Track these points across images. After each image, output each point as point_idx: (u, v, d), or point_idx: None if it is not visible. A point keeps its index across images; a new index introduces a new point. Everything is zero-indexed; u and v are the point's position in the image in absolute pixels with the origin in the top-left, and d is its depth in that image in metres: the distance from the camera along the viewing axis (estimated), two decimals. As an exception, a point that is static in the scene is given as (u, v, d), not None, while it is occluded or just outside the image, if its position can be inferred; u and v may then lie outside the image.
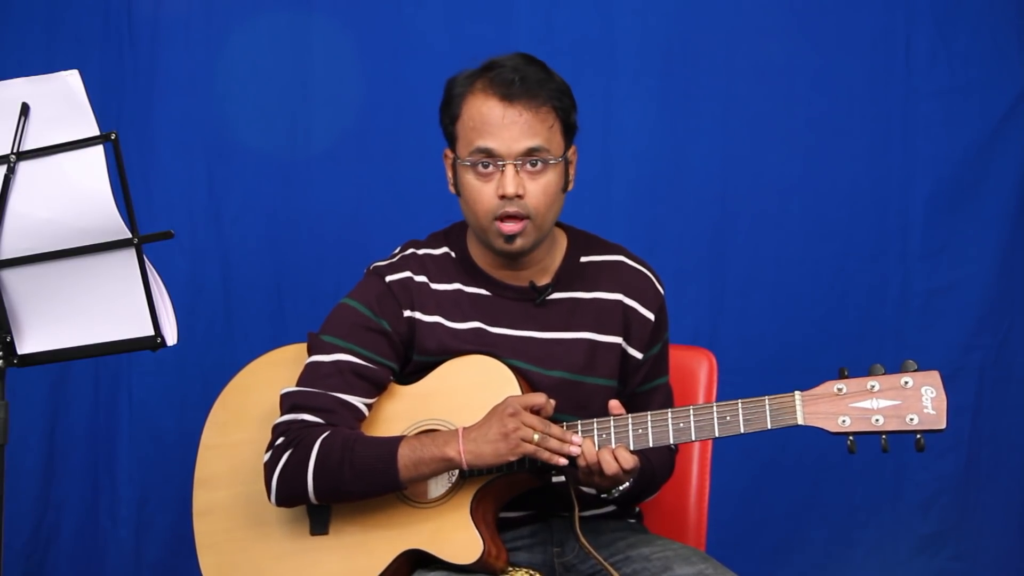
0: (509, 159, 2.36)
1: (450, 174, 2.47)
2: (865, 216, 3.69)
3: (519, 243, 2.40)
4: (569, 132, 2.44)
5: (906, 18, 3.67)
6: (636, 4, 3.68)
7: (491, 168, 2.37)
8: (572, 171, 2.46)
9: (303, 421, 2.39)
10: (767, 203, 3.69)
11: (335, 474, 2.33)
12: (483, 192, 2.38)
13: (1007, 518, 3.68)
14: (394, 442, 2.34)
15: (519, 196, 2.36)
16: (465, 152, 2.39)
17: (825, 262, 3.68)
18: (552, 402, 2.32)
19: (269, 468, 2.39)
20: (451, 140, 2.44)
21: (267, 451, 2.41)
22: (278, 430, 2.41)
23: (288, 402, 2.42)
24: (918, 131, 3.67)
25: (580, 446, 2.28)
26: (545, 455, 2.27)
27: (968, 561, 3.67)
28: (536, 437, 2.27)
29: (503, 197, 2.36)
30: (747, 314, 3.68)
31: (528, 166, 2.37)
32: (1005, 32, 3.66)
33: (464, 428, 2.31)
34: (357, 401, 2.41)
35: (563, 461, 2.28)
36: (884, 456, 2.24)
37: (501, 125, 2.36)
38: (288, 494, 2.38)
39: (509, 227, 2.38)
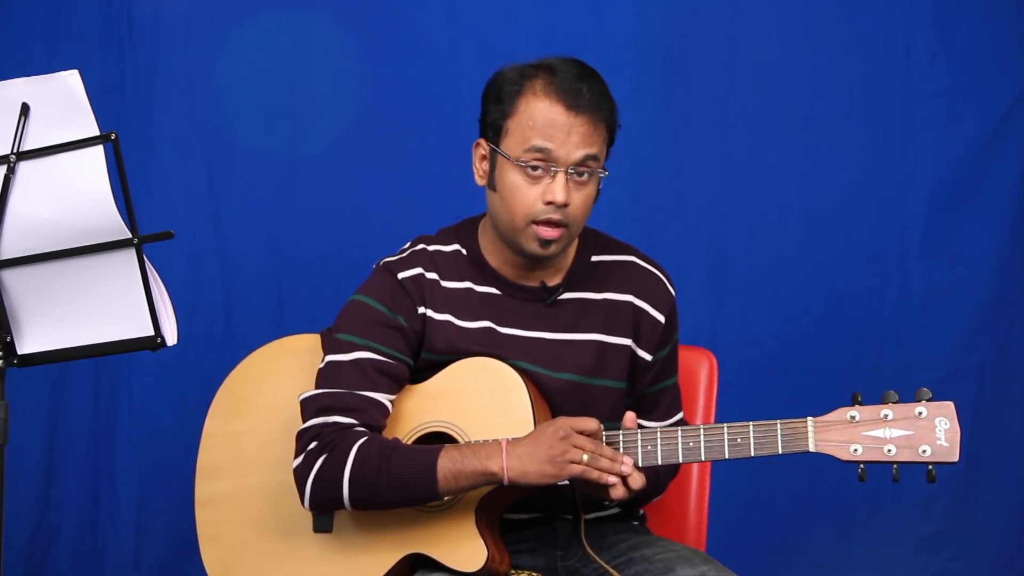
0: (563, 167, 2.34)
1: (482, 166, 2.43)
2: (865, 216, 3.69)
3: (553, 248, 2.38)
4: (611, 146, 2.43)
5: (906, 18, 3.67)
6: (636, 4, 3.68)
7: (540, 171, 2.35)
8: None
9: (336, 424, 2.36)
10: (767, 203, 3.69)
11: (372, 483, 2.30)
12: (528, 194, 2.35)
13: (1007, 518, 3.68)
14: (433, 453, 2.30)
15: (565, 205, 2.35)
16: (518, 149, 2.35)
17: (825, 262, 3.68)
18: (601, 426, 2.29)
19: (301, 473, 2.35)
20: (496, 133, 2.39)
21: (297, 456, 2.37)
22: (309, 434, 2.37)
23: (313, 406, 2.39)
24: (918, 131, 3.67)
25: (631, 465, 2.25)
26: (594, 475, 2.24)
27: (968, 561, 3.67)
28: (585, 458, 2.24)
29: (549, 203, 2.34)
30: (747, 314, 3.68)
31: (576, 176, 2.35)
32: (1005, 32, 3.66)
33: (508, 442, 2.28)
34: (382, 397, 2.38)
35: (613, 480, 2.25)
36: (891, 477, 2.23)
37: (564, 132, 2.33)
38: (323, 500, 2.35)
39: (549, 232, 2.36)
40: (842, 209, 3.69)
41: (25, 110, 2.19)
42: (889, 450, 2.18)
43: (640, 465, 2.28)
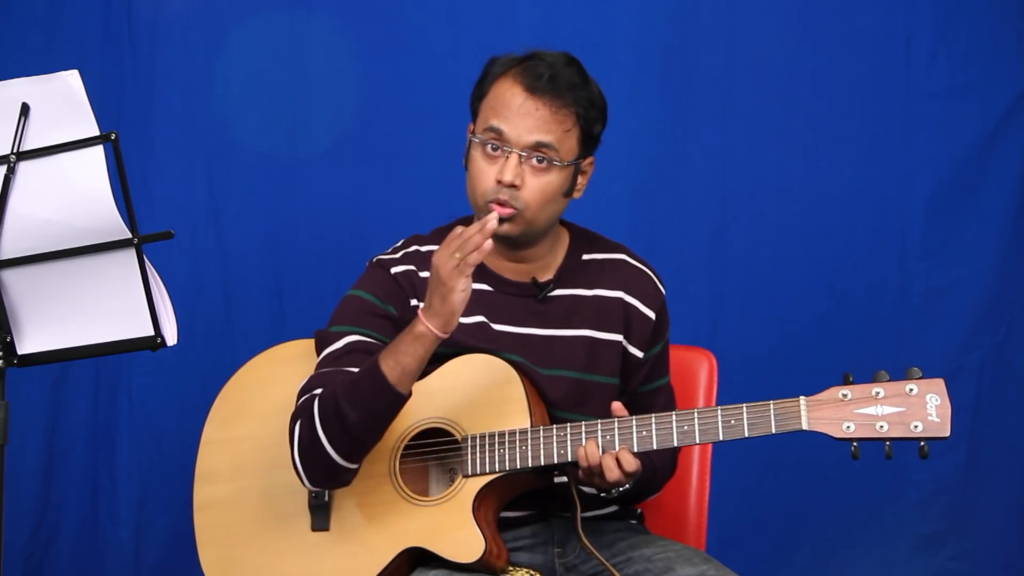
0: (516, 148, 2.38)
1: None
2: (865, 216, 3.69)
3: (505, 227, 2.38)
4: (588, 142, 2.44)
5: (906, 18, 3.67)
6: (636, 4, 3.69)
7: (498, 152, 2.39)
8: (584, 180, 2.47)
9: (311, 396, 2.37)
10: (767, 203, 3.70)
11: (340, 418, 2.30)
12: (484, 173, 2.40)
13: (1007, 518, 3.68)
14: (375, 357, 2.33)
15: (515, 186, 2.37)
16: (480, 128, 2.42)
17: (825, 262, 3.69)
18: (462, 229, 2.26)
19: (293, 454, 2.37)
20: (474, 116, 2.46)
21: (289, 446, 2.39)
22: (291, 419, 2.39)
23: (301, 392, 2.41)
24: (918, 131, 3.68)
25: (495, 218, 2.26)
26: (474, 256, 2.23)
27: (968, 561, 3.67)
28: (457, 256, 2.23)
29: (499, 182, 2.37)
30: (747, 314, 3.69)
31: (534, 161, 2.38)
32: (1005, 32, 3.66)
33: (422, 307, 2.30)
34: None
35: (488, 246, 2.22)
36: (884, 455, 2.24)
37: (517, 113, 2.38)
38: (314, 466, 2.35)
39: (499, 209, 2.37)
40: (842, 209, 3.69)
41: (25, 110, 2.19)
42: (881, 427, 2.20)
43: (636, 451, 2.29)
